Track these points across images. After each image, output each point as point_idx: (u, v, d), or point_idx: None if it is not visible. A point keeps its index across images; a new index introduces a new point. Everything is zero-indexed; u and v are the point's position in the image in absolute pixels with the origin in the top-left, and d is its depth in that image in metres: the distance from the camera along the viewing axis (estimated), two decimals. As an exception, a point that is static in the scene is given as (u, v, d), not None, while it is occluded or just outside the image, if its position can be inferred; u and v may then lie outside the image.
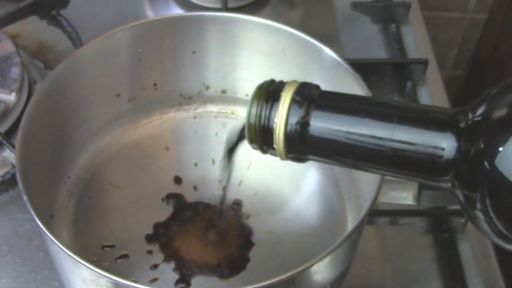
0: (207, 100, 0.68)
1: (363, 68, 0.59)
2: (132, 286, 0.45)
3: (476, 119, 0.38)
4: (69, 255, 0.47)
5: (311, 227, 0.61)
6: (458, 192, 0.40)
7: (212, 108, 0.68)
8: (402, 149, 0.40)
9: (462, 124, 0.39)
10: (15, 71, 0.68)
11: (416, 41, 0.81)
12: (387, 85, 0.76)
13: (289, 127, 0.42)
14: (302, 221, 0.61)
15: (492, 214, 0.39)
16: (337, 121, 0.41)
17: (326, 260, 0.48)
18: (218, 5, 0.78)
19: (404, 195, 0.55)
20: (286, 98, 0.42)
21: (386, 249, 0.64)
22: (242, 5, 0.82)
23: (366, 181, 0.56)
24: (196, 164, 0.65)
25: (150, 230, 0.60)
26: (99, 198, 0.63)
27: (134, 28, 0.62)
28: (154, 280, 0.57)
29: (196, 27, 0.63)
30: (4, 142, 0.64)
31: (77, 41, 0.73)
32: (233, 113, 0.68)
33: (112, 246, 0.59)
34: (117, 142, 0.66)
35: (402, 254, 0.64)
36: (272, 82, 0.44)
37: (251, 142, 0.44)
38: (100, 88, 0.63)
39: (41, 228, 0.48)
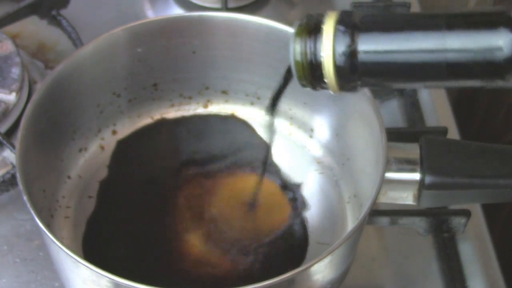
0: (207, 100, 0.68)
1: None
2: (132, 286, 0.45)
3: None
4: (69, 255, 0.47)
5: (311, 227, 0.61)
6: None
7: (212, 108, 0.68)
8: (457, 56, 0.38)
9: None
10: (15, 71, 0.68)
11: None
12: (387, 85, 0.76)
13: (338, 58, 0.40)
14: (302, 221, 0.62)
15: None
16: (385, 41, 0.40)
17: (326, 260, 0.48)
18: (218, 5, 0.78)
19: (404, 195, 0.55)
20: (328, 29, 0.41)
21: (386, 249, 0.64)
22: (242, 5, 0.82)
23: (366, 181, 0.56)
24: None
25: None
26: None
27: (134, 28, 0.62)
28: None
29: (196, 27, 0.63)
30: (4, 142, 0.64)
31: (77, 41, 0.73)
32: (233, 113, 0.68)
33: None
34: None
35: (402, 254, 0.64)
36: (311, 16, 0.43)
37: (300, 79, 0.43)
38: (100, 88, 0.63)
39: (41, 228, 0.48)
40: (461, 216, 0.64)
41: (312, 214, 0.62)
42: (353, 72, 0.41)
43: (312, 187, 0.63)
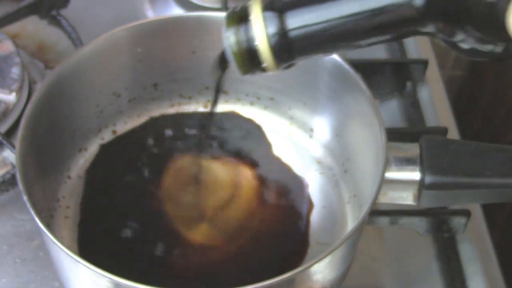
0: (207, 100, 0.68)
1: (363, 68, 0.59)
2: (132, 286, 0.45)
3: None
4: (69, 255, 0.47)
5: (311, 227, 0.61)
6: (439, 29, 0.42)
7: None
8: (378, 12, 0.42)
9: None
10: (15, 71, 0.68)
11: (416, 41, 0.81)
12: (387, 85, 0.76)
13: (272, 41, 0.43)
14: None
15: (472, 30, 0.40)
16: (310, 14, 0.43)
17: (326, 260, 0.48)
18: (218, 5, 0.78)
19: (404, 195, 0.55)
20: (257, 16, 0.43)
21: (386, 249, 0.64)
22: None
23: (366, 181, 0.56)
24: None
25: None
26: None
27: (134, 28, 0.62)
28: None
29: (196, 27, 0.63)
30: (4, 142, 0.64)
31: (77, 41, 0.73)
32: (233, 113, 0.68)
33: None
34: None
35: (402, 254, 0.64)
36: (234, 9, 0.45)
37: (240, 67, 0.45)
38: (100, 88, 0.63)
39: (41, 228, 0.48)
40: (461, 216, 0.64)
41: (312, 214, 0.62)
42: (289, 50, 0.43)
43: (312, 187, 0.63)
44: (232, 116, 0.67)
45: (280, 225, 0.60)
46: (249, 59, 0.44)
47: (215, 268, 0.58)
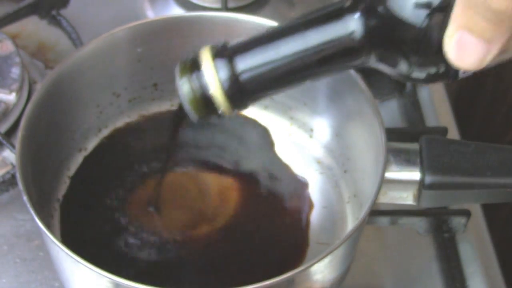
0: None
1: (363, 68, 0.59)
2: (132, 286, 0.45)
3: None
4: (69, 255, 0.47)
5: (311, 227, 0.61)
6: (383, 60, 0.43)
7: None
8: (321, 49, 0.43)
9: (358, 4, 0.42)
10: (15, 71, 0.68)
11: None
12: (387, 85, 0.76)
13: (225, 86, 0.44)
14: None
15: (412, 54, 0.42)
16: (259, 56, 0.44)
17: (326, 260, 0.48)
18: (218, 5, 0.78)
19: (404, 195, 0.55)
20: (208, 64, 0.44)
21: (386, 249, 0.64)
22: (242, 5, 0.82)
23: (366, 181, 0.56)
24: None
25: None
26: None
27: (134, 28, 0.62)
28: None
29: (196, 27, 0.63)
30: (4, 142, 0.64)
31: (77, 41, 0.73)
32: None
33: None
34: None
35: (402, 254, 0.64)
36: (185, 59, 0.46)
37: (197, 113, 0.46)
38: (100, 88, 0.63)
39: (41, 228, 0.48)
40: (461, 216, 0.64)
41: (312, 214, 0.62)
42: (242, 93, 0.45)
43: (312, 187, 0.63)
44: (236, 117, 0.67)
45: (280, 225, 0.60)
46: (205, 105, 0.45)
47: (215, 268, 0.58)
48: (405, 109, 0.74)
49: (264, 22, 0.62)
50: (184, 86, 0.45)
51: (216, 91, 0.44)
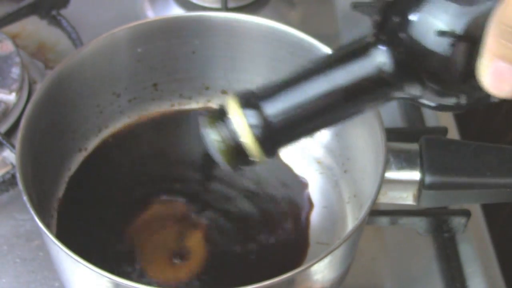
0: (207, 100, 0.68)
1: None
2: (132, 286, 0.45)
3: (387, 24, 0.41)
4: (69, 255, 0.46)
5: (311, 227, 0.61)
6: (414, 91, 0.42)
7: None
8: (353, 86, 0.42)
9: (382, 37, 0.41)
10: (15, 71, 0.68)
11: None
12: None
13: (256, 133, 0.43)
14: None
15: (435, 85, 0.41)
16: (287, 98, 0.43)
17: (326, 260, 0.48)
18: (218, 5, 0.78)
19: (404, 195, 0.55)
20: (235, 112, 0.43)
21: (386, 249, 0.64)
22: (242, 5, 0.82)
23: (366, 181, 0.56)
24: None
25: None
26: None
27: (134, 28, 0.62)
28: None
29: (196, 27, 0.63)
30: (4, 142, 0.64)
31: (77, 41, 0.73)
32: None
33: None
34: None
35: (402, 254, 0.64)
36: (211, 112, 0.45)
37: (230, 164, 0.45)
38: (100, 88, 0.63)
39: (41, 228, 0.48)
40: (461, 216, 0.64)
41: (312, 214, 0.62)
42: (274, 139, 0.44)
43: (312, 187, 0.63)
44: None
45: (280, 225, 0.60)
46: (237, 154, 0.44)
47: (215, 268, 0.58)
48: (405, 109, 0.74)
49: (264, 22, 0.62)
50: (215, 137, 0.44)
51: (248, 139, 0.43)
